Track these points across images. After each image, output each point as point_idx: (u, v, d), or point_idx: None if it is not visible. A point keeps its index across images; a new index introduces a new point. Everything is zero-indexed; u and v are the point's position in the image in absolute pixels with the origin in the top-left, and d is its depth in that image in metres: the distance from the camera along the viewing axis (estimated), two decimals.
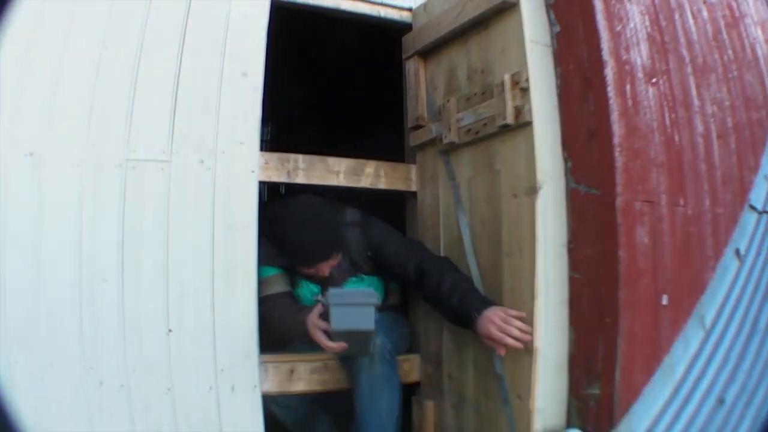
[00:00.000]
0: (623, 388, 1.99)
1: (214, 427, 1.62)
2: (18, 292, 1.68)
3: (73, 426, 1.68)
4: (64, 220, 1.62)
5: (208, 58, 1.69)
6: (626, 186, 1.96)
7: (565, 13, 2.25)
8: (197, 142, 1.65)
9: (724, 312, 2.44)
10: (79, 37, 1.73)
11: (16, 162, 1.61)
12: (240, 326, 1.66)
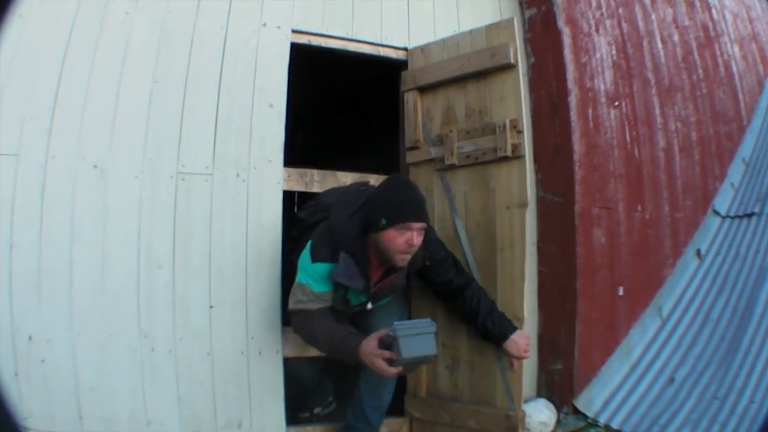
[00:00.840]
0: (582, 365, 2.39)
1: (244, 383, 2.06)
2: (84, 278, 2.13)
3: (128, 384, 2.12)
4: (126, 219, 2.07)
5: (242, 92, 2.11)
6: (584, 195, 2.37)
7: (539, 47, 2.67)
8: (234, 160, 2.04)
9: (681, 304, 2.81)
10: (133, 70, 2.18)
11: (87, 173, 2.07)
12: (267, 303, 2.03)
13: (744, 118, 3.88)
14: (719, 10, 4.06)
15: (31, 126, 2.00)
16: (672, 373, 2.43)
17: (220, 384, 2.01)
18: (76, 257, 2.01)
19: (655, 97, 2.94)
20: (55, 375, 1.99)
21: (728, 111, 3.70)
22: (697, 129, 3.22)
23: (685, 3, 3.67)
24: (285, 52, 2.15)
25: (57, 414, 1.98)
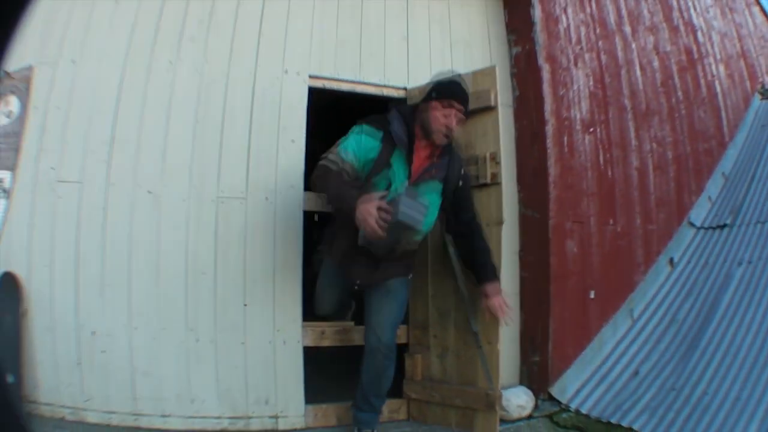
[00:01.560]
0: (556, 358, 2.81)
1: (270, 367, 2.55)
2: (140, 283, 2.62)
3: (176, 369, 2.62)
4: (175, 235, 2.56)
5: (269, 129, 2.58)
6: (558, 211, 2.79)
7: (522, 82, 3.10)
8: (264, 186, 2.49)
9: (651, 306, 3.20)
10: (179, 110, 2.66)
11: (142, 199, 2.58)
12: (290, 302, 2.48)
13: (726, 134, 4.21)
14: (705, 32, 4.39)
15: (92, 158, 2.51)
16: (637, 366, 2.83)
17: (252, 368, 2.49)
18: (134, 266, 2.52)
19: (631, 122, 3.34)
20: (114, 363, 2.49)
21: (708, 129, 4.04)
22: (673, 148, 3.59)
23: (669, 29, 4.02)
24: (304, 95, 2.63)
25: (114, 396, 2.48)
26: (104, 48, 2.60)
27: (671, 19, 4.05)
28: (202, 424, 2.49)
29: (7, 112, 2.63)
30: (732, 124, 4.28)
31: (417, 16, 2.94)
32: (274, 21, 2.68)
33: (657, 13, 3.94)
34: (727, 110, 4.26)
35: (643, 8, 3.83)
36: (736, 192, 3.77)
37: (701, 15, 4.39)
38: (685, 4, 4.25)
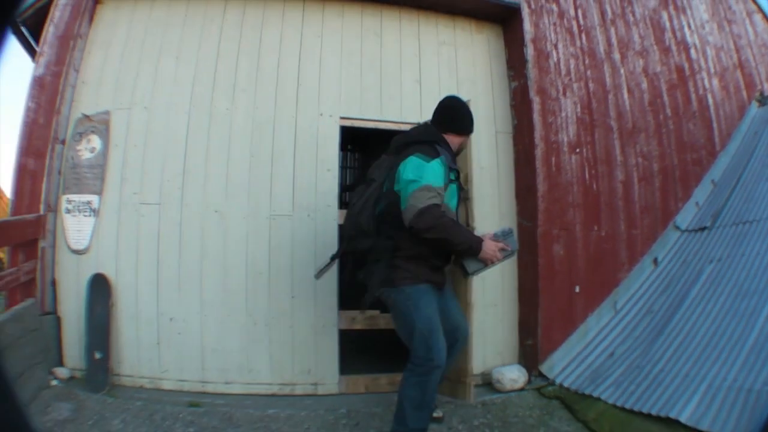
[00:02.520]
0: (545, 342, 3.44)
1: (312, 345, 3.28)
2: (210, 281, 3.40)
3: (237, 346, 3.36)
4: (238, 244, 3.32)
5: (309, 161, 3.33)
6: (546, 220, 3.42)
7: (518, 111, 3.74)
8: (306, 206, 3.25)
9: (633, 299, 3.77)
10: (237, 146, 3.41)
11: (211, 217, 3.39)
12: (328, 294, 3.32)
13: (717, 144, 4.65)
14: (699, 48, 4.83)
15: (168, 185, 3.32)
16: (614, 349, 3.44)
17: (297, 346, 3.26)
18: (205, 268, 3.32)
19: (617, 140, 3.90)
20: (187, 342, 3.28)
21: (698, 140, 4.50)
22: (659, 160, 4.12)
23: (660, 50, 4.51)
24: (336, 133, 3.37)
25: (186, 368, 3.28)
26: (171, 97, 3.41)
27: (663, 40, 4.53)
28: (257, 389, 3.26)
29: (91, 149, 3.47)
30: (725, 133, 4.69)
31: (428, 61, 3.63)
32: (310, 73, 3.43)
33: (648, 37, 4.43)
34: (719, 121, 4.68)
35: (633, 34, 4.35)
36: (721, 197, 4.26)
37: (695, 32, 4.83)
38: (678, 23, 4.71)
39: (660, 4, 4.67)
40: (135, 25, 3.56)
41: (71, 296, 3.28)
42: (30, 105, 3.39)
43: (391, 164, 2.46)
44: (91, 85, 3.49)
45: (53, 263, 3.33)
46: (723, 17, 5.21)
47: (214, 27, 3.52)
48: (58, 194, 3.38)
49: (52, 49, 3.42)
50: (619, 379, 3.15)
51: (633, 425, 2.63)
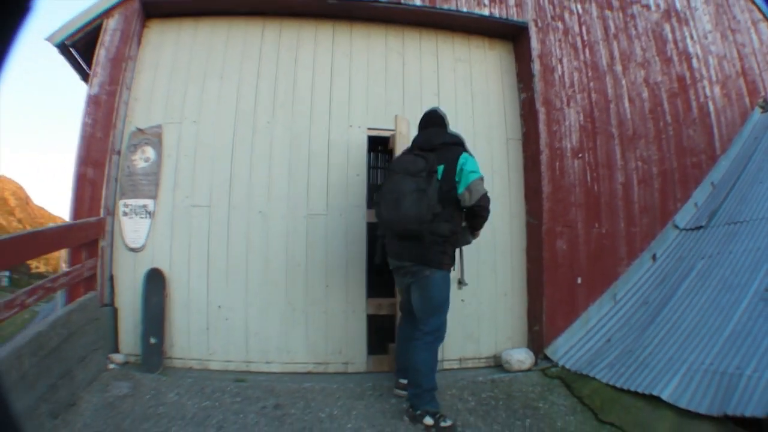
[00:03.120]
0: (549, 328, 3.91)
1: (343, 329, 3.78)
2: (255, 272, 3.94)
3: (277, 330, 3.90)
4: (279, 240, 3.85)
5: (340, 167, 3.86)
6: (550, 219, 3.90)
7: (527, 121, 4.21)
8: (339, 206, 3.83)
9: (631, 291, 4.21)
10: (277, 155, 3.94)
11: (255, 217, 3.94)
12: (358, 284, 3.82)
13: (718, 148, 5.01)
14: (701, 57, 5.22)
15: (217, 190, 3.87)
16: (611, 335, 3.91)
17: (330, 329, 3.79)
18: (250, 261, 3.86)
19: (617, 146, 4.35)
20: (233, 327, 3.82)
21: (698, 145, 4.89)
22: (659, 164, 4.54)
23: (661, 61, 4.92)
24: (364, 142, 3.90)
25: (232, 350, 3.81)
26: (218, 112, 3.96)
27: (664, 51, 4.94)
28: (294, 368, 3.78)
29: (145, 158, 4.02)
30: (725, 138, 5.05)
31: (445, 76, 4.13)
32: (340, 89, 3.96)
33: (650, 49, 4.85)
34: (720, 127, 5.06)
35: (635, 47, 4.78)
36: (718, 198, 4.67)
37: (698, 42, 5.21)
38: (681, 35, 5.11)
39: (663, 17, 5.07)
40: (181, 47, 4.12)
41: (128, 290, 3.80)
42: (87, 120, 3.88)
43: (439, 160, 2.91)
44: (143, 102, 4.03)
45: (111, 261, 3.84)
46: (727, 27, 5.56)
47: (253, 49, 4.07)
48: (116, 199, 3.90)
49: (104, 70, 3.93)
50: (612, 361, 3.59)
51: (621, 401, 3.08)
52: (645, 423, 2.73)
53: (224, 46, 4.08)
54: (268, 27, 4.10)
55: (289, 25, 4.10)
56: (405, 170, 2.91)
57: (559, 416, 2.93)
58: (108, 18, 4.05)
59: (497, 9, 4.23)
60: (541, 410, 3.02)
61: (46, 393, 2.67)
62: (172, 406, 3.11)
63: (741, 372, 2.68)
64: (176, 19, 4.21)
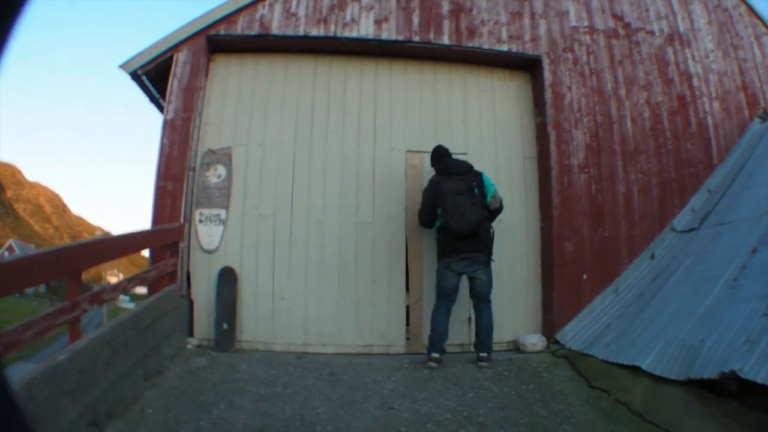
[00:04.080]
0: (558, 317, 4.88)
1: (385, 317, 4.77)
2: (313, 269, 4.88)
3: (331, 317, 4.90)
4: (333, 242, 4.83)
5: (384, 183, 4.90)
6: (559, 224, 4.85)
7: (540, 141, 5.16)
8: (384, 215, 4.84)
9: (631, 285, 5.13)
10: (331, 174, 4.93)
11: (312, 224, 4.97)
12: (398, 280, 4.81)
13: (715, 158, 5.83)
14: (702, 75, 6.05)
15: (280, 201, 4.91)
16: (611, 322, 4.86)
17: (375, 317, 4.81)
18: (309, 260, 4.90)
19: (620, 161, 5.26)
20: (294, 315, 4.88)
21: (696, 157, 5.75)
22: (658, 176, 5.43)
23: (663, 82, 5.79)
24: (403, 162, 4.91)
25: (292, 334, 4.86)
26: (279, 137, 5.00)
27: (666, 73, 5.80)
28: (345, 349, 4.80)
29: (218, 175, 5.08)
30: (723, 149, 5.86)
31: (471, 105, 5.12)
32: (382, 118, 4.99)
33: (652, 72, 5.73)
34: (718, 139, 5.88)
35: (639, 71, 5.67)
36: (712, 203, 5.56)
37: (699, 62, 6.04)
38: (682, 56, 5.96)
39: (666, 41, 5.94)
40: (244, 80, 5.17)
41: (202, 284, 4.85)
42: (165, 142, 4.92)
43: (471, 180, 4.34)
44: (213, 126, 5.10)
45: (188, 260, 4.86)
46: (729, 44, 6.34)
47: (308, 83, 5.11)
48: (192, 209, 4.93)
49: (178, 98, 4.97)
50: (608, 342, 4.53)
51: (610, 372, 4.02)
52: (626, 387, 3.69)
53: (283, 79, 5.12)
54: (319, 64, 5.13)
55: (338, 62, 5.13)
56: (455, 191, 4.26)
57: (558, 383, 3.91)
58: (177, 52, 5.09)
59: (515, 45, 5.19)
60: (544, 379, 4.00)
61: (141, 359, 3.64)
62: (245, 373, 4.11)
63: (702, 344, 3.61)
64: (239, 55, 5.26)
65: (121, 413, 3.19)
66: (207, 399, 3.62)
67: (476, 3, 5.29)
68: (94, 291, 3.61)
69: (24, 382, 2.23)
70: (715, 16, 6.48)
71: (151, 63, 5.11)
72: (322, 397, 3.69)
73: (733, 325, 3.61)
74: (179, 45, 5.09)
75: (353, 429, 3.26)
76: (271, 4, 5.13)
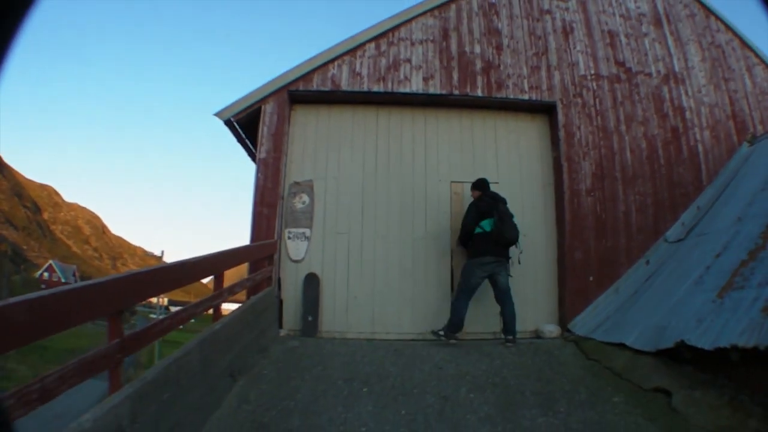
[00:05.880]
0: (570, 310, 6.85)
1: (435, 312, 6.74)
2: (380, 275, 6.91)
3: (393, 311, 6.94)
4: (395, 254, 6.83)
5: (434, 208, 6.79)
6: (570, 238, 6.82)
7: (556, 171, 7.15)
8: (432, 233, 6.86)
9: (629, 285, 7.12)
10: (393, 201, 6.97)
11: (378, 239, 7.00)
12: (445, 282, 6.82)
13: (704, 180, 7.74)
14: (694, 109, 7.98)
15: (352, 222, 7.02)
16: (610, 315, 6.82)
17: (427, 312, 6.83)
18: (376, 267, 7.00)
19: (620, 185, 7.23)
20: (364, 310, 6.95)
21: (686, 179, 7.67)
22: (653, 196, 7.37)
23: (658, 117, 7.72)
24: (448, 190, 6.95)
25: (362, 324, 6.95)
26: (350, 172, 7.08)
27: (662, 109, 7.75)
28: (404, 336, 6.83)
29: (302, 201, 7.18)
30: (712, 171, 7.77)
31: (501, 143, 7.13)
32: (431, 156, 7.03)
33: (649, 109, 7.68)
34: (707, 163, 7.80)
35: (638, 109, 7.63)
36: (698, 218, 7.50)
37: (692, 97, 7.97)
38: (677, 93, 7.90)
39: (662, 81, 7.89)
40: (320, 126, 7.26)
41: (290, 287, 6.96)
42: (260, 176, 7.05)
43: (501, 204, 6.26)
44: (297, 163, 7.20)
45: (279, 268, 6.99)
46: (721, 77, 8.25)
47: (371, 127, 7.18)
48: (282, 228, 7.07)
49: (268, 141, 7.10)
50: (606, 328, 6.51)
51: (603, 348, 5.98)
52: (612, 357, 5.67)
53: (351, 125, 7.20)
54: (380, 112, 7.20)
55: (395, 111, 7.20)
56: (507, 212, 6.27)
57: (564, 356, 5.92)
58: (265, 104, 7.19)
59: (534, 94, 7.20)
60: (554, 354, 6.00)
61: (255, 337, 5.74)
62: (330, 350, 6.17)
63: (668, 325, 5.57)
64: (314, 105, 7.36)
65: (246, 372, 5.24)
66: (305, 364, 5.66)
67: (503, 60, 7.31)
68: (228, 287, 5.68)
69: (197, 341, 4.23)
70: (709, 53, 8.36)
71: (242, 112, 7.22)
72: (390, 363, 5.72)
73: (691, 310, 5.55)
74: (266, 98, 7.18)
75: (415, 379, 5.27)
76: (339, 65, 7.19)
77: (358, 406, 4.65)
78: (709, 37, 8.46)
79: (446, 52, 7.33)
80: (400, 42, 7.31)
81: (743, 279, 5.12)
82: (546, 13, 7.76)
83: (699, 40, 8.39)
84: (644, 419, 4.42)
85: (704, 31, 8.46)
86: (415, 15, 7.44)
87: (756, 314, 4.21)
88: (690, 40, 8.33)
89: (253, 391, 4.93)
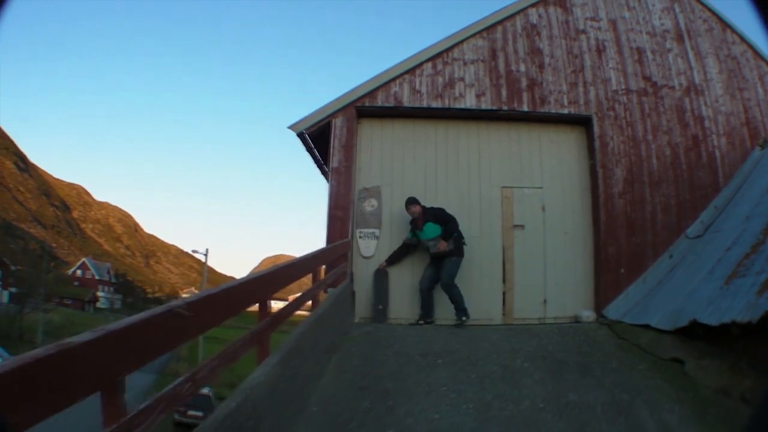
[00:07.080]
0: (604, 298, 8.47)
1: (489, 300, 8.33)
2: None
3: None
4: None
5: (487, 210, 8.36)
6: (604, 236, 8.41)
7: (592, 177, 8.72)
8: (485, 231, 8.38)
9: (655, 277, 8.74)
10: (452, 203, 8.58)
11: None
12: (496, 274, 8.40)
13: (721, 183, 9.33)
14: (712, 117, 9.53)
15: None
16: (639, 301, 8.43)
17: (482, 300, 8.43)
18: None
19: (647, 188, 8.80)
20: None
21: (705, 182, 9.25)
22: (676, 198, 8.96)
23: (681, 126, 9.28)
24: (499, 194, 8.52)
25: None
26: (413, 178, 8.67)
27: (683, 119, 9.31)
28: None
29: (371, 205, 8.75)
30: (728, 175, 9.34)
31: (545, 154, 8.70)
32: (483, 164, 8.60)
33: (672, 119, 9.24)
34: (723, 167, 9.35)
35: (662, 120, 9.18)
36: (714, 216, 9.10)
37: (710, 107, 9.52)
38: (697, 104, 9.45)
39: (684, 93, 9.43)
40: (384, 137, 8.79)
41: (361, 280, 8.56)
42: (333, 183, 8.63)
43: None
44: (365, 172, 8.74)
45: (352, 264, 8.57)
46: (736, 87, 9.78)
47: (430, 140, 8.73)
48: (353, 229, 8.63)
49: (339, 153, 8.64)
50: (634, 314, 8.15)
51: (632, 330, 7.59)
52: (639, 336, 7.28)
53: (412, 137, 8.74)
54: (438, 126, 8.75)
55: (451, 124, 8.76)
56: None
57: (598, 336, 7.56)
58: (335, 118, 8.71)
59: (573, 108, 8.75)
60: (590, 334, 7.64)
61: (339, 323, 7.36)
62: (401, 332, 7.79)
63: (684, 309, 7.16)
64: (379, 119, 8.89)
65: (336, 351, 6.82)
66: (384, 343, 7.24)
67: (545, 77, 8.84)
68: (321, 280, 7.22)
69: (311, 320, 5.79)
70: (725, 65, 9.88)
71: (313, 126, 8.74)
72: (454, 341, 7.34)
73: (703, 296, 7.15)
74: (335, 113, 8.68)
75: (478, 353, 6.85)
76: (401, 83, 8.70)
77: (435, 372, 6.22)
78: (725, 49, 9.95)
79: (495, 70, 8.85)
80: (453, 62, 8.82)
81: (745, 269, 6.64)
82: (581, 33, 9.26)
83: (716, 53, 9.88)
84: (662, 381, 5.98)
85: (721, 44, 9.94)
86: (466, 37, 8.94)
87: (752, 296, 5.76)
88: (708, 53, 9.81)
89: (347, 364, 6.49)
